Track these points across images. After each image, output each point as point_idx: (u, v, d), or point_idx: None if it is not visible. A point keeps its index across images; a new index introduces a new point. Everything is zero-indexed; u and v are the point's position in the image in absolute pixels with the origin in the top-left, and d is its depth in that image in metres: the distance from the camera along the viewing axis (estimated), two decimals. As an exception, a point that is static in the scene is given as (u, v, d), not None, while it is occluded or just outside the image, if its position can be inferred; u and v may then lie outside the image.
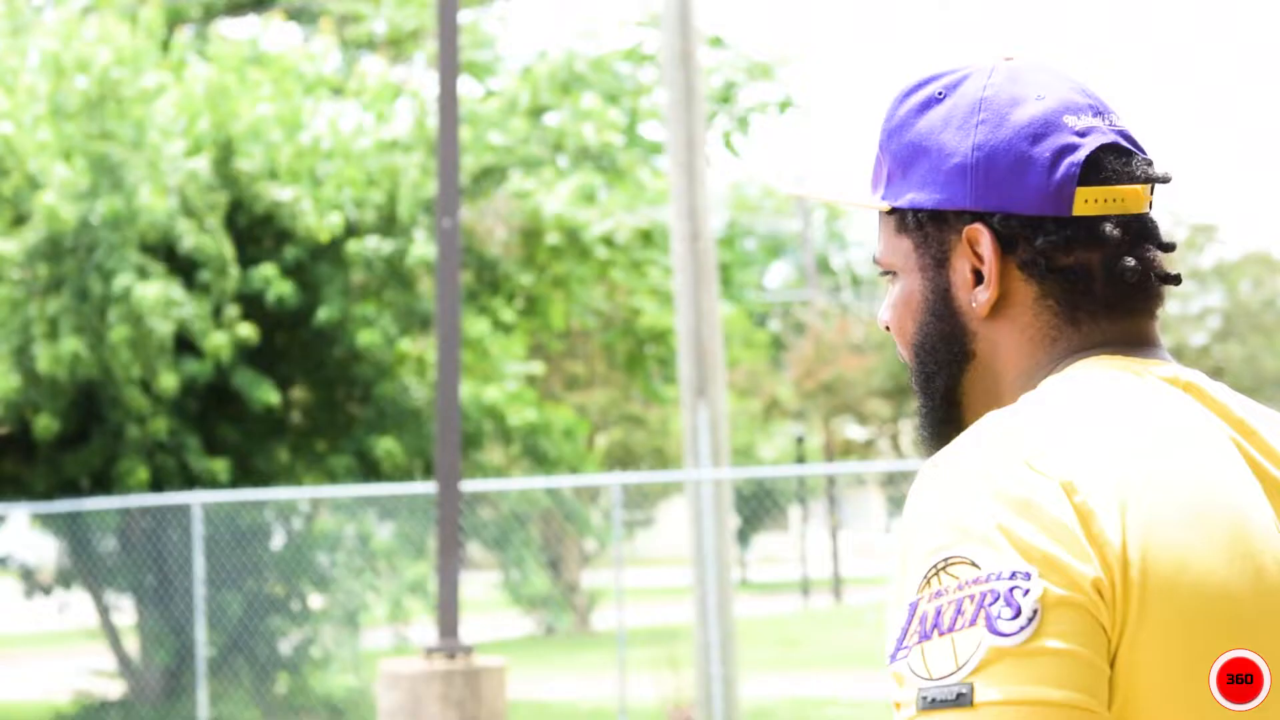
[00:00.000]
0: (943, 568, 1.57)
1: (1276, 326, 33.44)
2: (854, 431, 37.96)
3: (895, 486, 38.08)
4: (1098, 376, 1.72)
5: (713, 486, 12.68)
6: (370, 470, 16.86)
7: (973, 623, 1.54)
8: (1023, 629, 1.53)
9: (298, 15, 22.42)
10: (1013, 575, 1.55)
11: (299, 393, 17.62)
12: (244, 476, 16.63)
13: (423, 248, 16.30)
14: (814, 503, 41.83)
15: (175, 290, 15.49)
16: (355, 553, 16.50)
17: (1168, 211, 34.12)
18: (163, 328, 15.31)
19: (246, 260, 16.61)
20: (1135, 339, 1.79)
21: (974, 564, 1.56)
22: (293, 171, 16.52)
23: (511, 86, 18.72)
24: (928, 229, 1.80)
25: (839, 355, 35.25)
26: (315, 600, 16.71)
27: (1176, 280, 1.82)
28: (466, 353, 17.40)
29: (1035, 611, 1.54)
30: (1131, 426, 1.67)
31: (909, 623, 1.58)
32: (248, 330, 15.86)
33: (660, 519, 42.90)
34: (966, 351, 1.80)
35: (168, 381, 15.41)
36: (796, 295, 43.76)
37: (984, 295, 1.77)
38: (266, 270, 16.25)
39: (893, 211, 1.83)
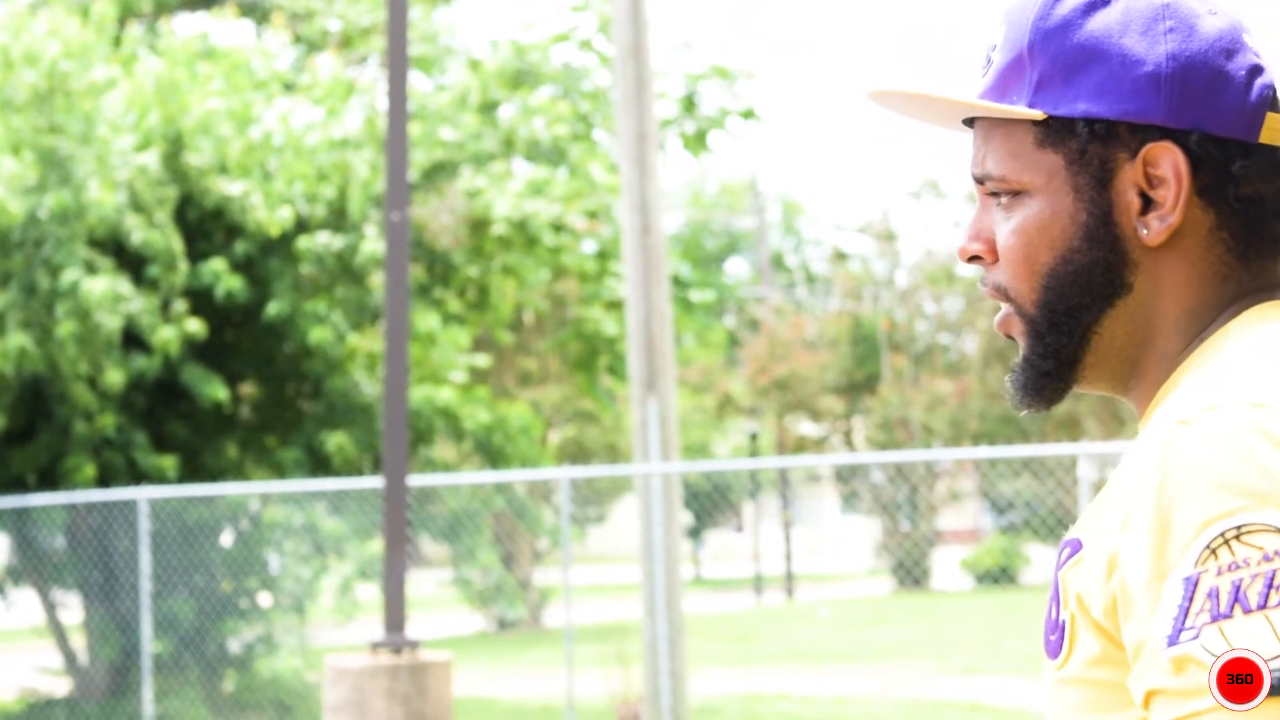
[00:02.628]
0: (1234, 537, 1.40)
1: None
2: (807, 428, 38.02)
3: (845, 484, 38.16)
4: None
5: (661, 480, 12.67)
6: (320, 465, 16.82)
7: None
8: None
9: (250, 11, 22.33)
10: None
11: (248, 388, 17.56)
12: (192, 473, 16.56)
13: (373, 243, 16.27)
14: (767, 500, 41.88)
15: (123, 285, 15.40)
16: (302, 540, 16.43)
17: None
18: (111, 323, 15.23)
19: (196, 255, 16.55)
20: None
21: None
22: (243, 166, 16.46)
23: (462, 81, 18.71)
24: (1091, 143, 1.62)
25: (793, 352, 35.32)
26: (264, 597, 16.65)
27: None
28: (414, 347, 17.38)
29: None
30: None
31: (1189, 600, 1.40)
32: (197, 325, 15.79)
33: (613, 515, 42.90)
34: (1124, 284, 1.62)
35: (114, 377, 15.33)
36: (751, 292, 43.83)
37: (1163, 222, 1.60)
38: (216, 265, 16.19)
39: (1045, 121, 1.63)
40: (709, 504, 37.21)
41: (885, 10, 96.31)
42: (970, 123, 1.72)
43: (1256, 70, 1.62)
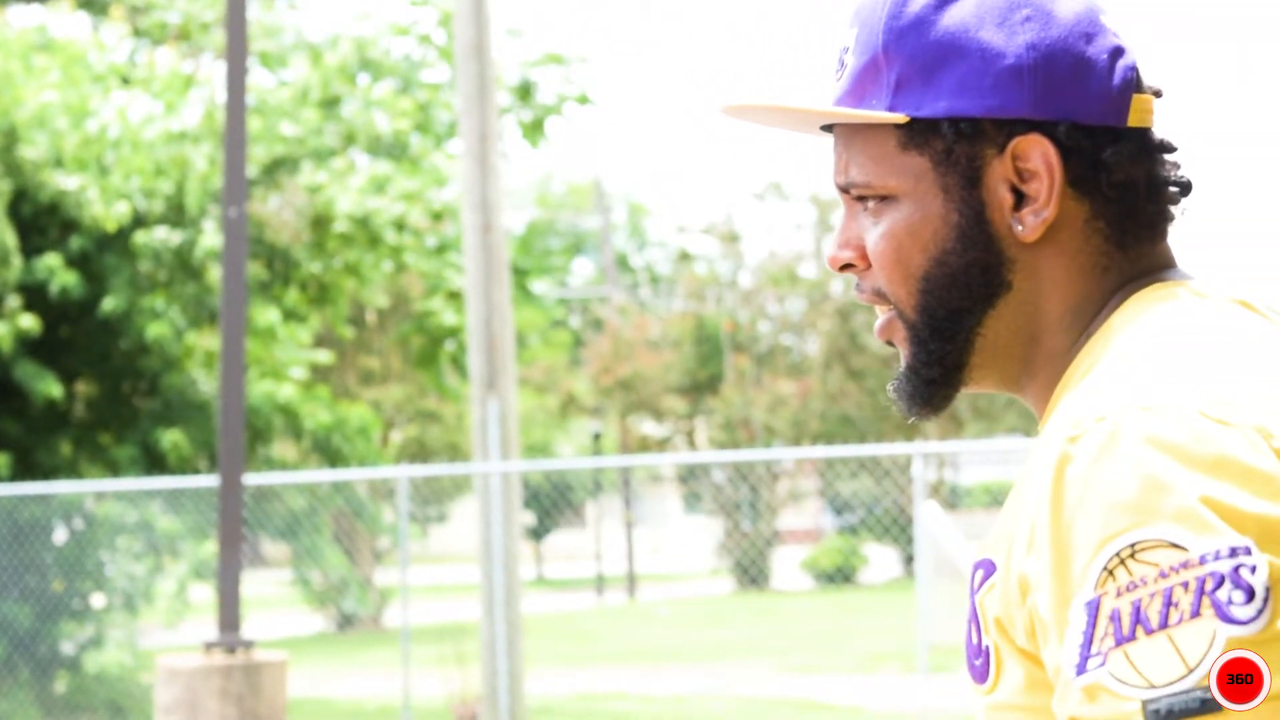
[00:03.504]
0: (1129, 556, 1.35)
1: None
2: (650, 428, 38.14)
3: (687, 484, 38.31)
4: (1187, 309, 1.53)
5: (501, 480, 12.65)
6: (156, 464, 16.64)
7: (1195, 614, 1.33)
8: (1260, 613, 1.33)
9: (87, 4, 22.04)
10: (1232, 552, 1.34)
11: (83, 385, 17.33)
12: (24, 471, 16.31)
13: (212, 239, 16.12)
14: (610, 500, 41.94)
15: (-45, 280, 15.16)
16: (137, 539, 16.23)
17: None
18: (-59, 318, 14.98)
19: (30, 250, 16.30)
20: (1172, 261, 1.62)
21: (1176, 545, 1.34)
22: (79, 160, 16.25)
23: (303, 76, 18.59)
24: (958, 143, 1.56)
25: (636, 352, 35.40)
26: (97, 598, 16.43)
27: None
28: (254, 343, 17.24)
29: (1267, 590, 1.33)
30: (1268, 358, 1.48)
31: (1092, 625, 1.36)
32: (30, 321, 15.55)
33: (455, 515, 42.77)
34: (1004, 283, 1.57)
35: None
36: (596, 292, 43.89)
37: (1037, 216, 1.55)
38: (51, 260, 15.96)
39: (908, 123, 1.57)
40: (549, 504, 37.19)
41: (729, 12, 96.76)
42: (829, 129, 1.66)
43: (1118, 52, 1.57)
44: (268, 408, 17.23)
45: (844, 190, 1.63)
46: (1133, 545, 1.36)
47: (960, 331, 1.59)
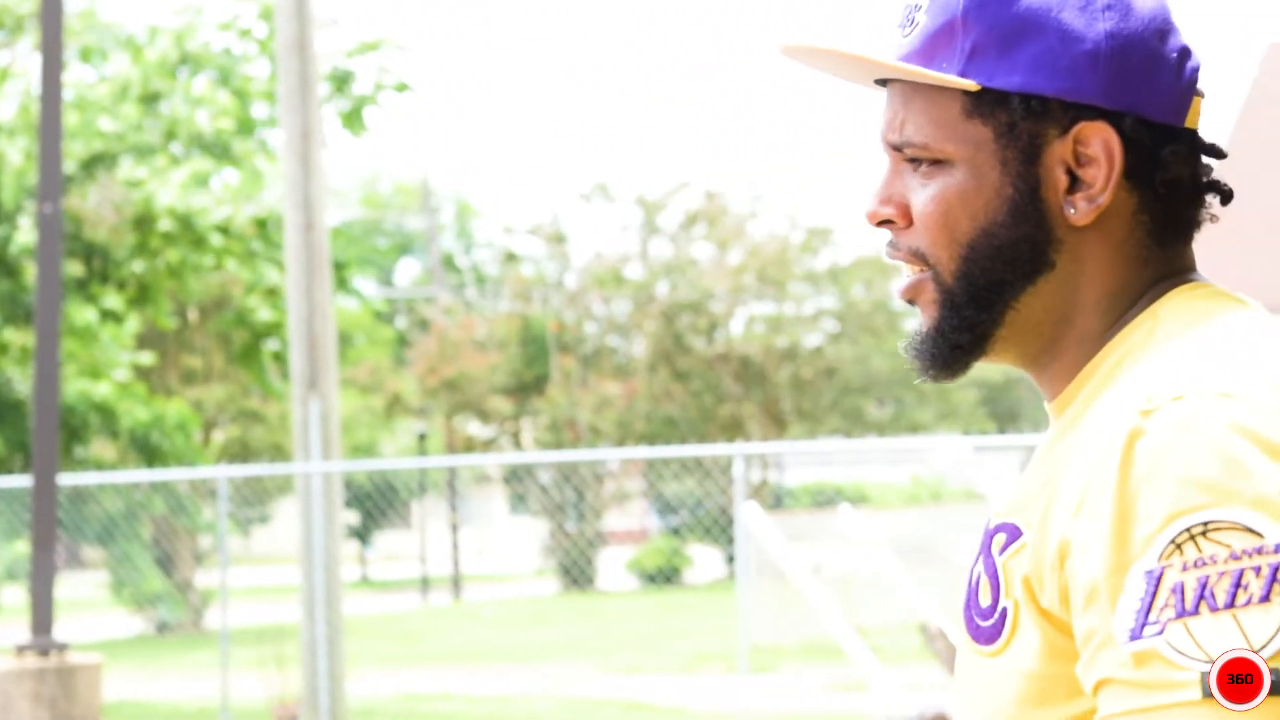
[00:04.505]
0: (1200, 533, 1.37)
1: (887, 328, 34.54)
2: (476, 429, 38.06)
3: (512, 485, 38.26)
4: (1234, 308, 1.57)
5: (323, 480, 12.56)
6: (-31, 464, 16.34)
7: (1265, 599, 1.35)
8: None
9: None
10: None
11: (-106, 384, 16.99)
12: None
13: (27, 235, 15.86)
14: (435, 500, 41.79)
15: None
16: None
17: (784, 215, 35.03)
18: None
19: None
20: (1194, 264, 1.64)
21: (1251, 530, 1.37)
22: (-111, 153, 15.92)
23: (123, 71, 18.33)
24: (1024, 119, 1.57)
25: (462, 353, 35.32)
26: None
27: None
28: (73, 342, 16.97)
29: None
30: None
31: (1152, 594, 1.37)
32: None
33: (279, 516, 42.40)
34: (1048, 261, 1.58)
35: None
36: (422, 292, 43.70)
37: (1092, 203, 1.57)
38: None
39: (979, 93, 1.58)
40: (373, 505, 36.97)
41: (553, 12, 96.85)
42: (883, 83, 1.66)
43: (1186, 53, 1.60)
44: (84, 406, 16.98)
45: (896, 148, 1.63)
46: (1205, 524, 1.37)
47: (997, 303, 1.60)
